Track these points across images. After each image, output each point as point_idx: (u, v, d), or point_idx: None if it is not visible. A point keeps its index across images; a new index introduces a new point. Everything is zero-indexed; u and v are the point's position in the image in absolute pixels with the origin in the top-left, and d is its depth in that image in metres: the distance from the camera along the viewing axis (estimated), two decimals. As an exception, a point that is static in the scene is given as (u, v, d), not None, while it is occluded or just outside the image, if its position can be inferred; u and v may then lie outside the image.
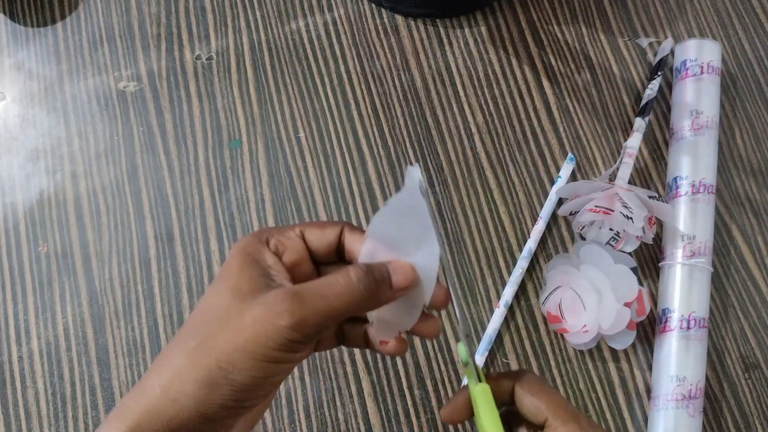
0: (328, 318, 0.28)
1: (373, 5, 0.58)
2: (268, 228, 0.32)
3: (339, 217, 0.52)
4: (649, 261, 0.51)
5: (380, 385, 0.48)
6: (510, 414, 0.32)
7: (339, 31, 0.57)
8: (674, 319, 0.47)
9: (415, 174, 0.31)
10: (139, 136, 0.54)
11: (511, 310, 0.50)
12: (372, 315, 0.32)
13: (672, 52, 0.55)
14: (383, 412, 0.48)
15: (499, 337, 0.49)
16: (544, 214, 0.51)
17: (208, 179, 0.53)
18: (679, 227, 0.49)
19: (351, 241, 0.32)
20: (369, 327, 0.33)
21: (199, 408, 0.27)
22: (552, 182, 0.53)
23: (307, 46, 0.57)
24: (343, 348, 0.49)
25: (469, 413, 0.32)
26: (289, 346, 0.27)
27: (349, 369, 0.49)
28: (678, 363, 0.46)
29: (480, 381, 0.31)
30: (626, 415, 0.48)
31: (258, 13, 0.58)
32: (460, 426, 0.48)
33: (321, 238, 0.32)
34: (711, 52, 0.52)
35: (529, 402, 0.31)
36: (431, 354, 0.49)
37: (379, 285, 0.29)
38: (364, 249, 0.31)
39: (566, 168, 0.52)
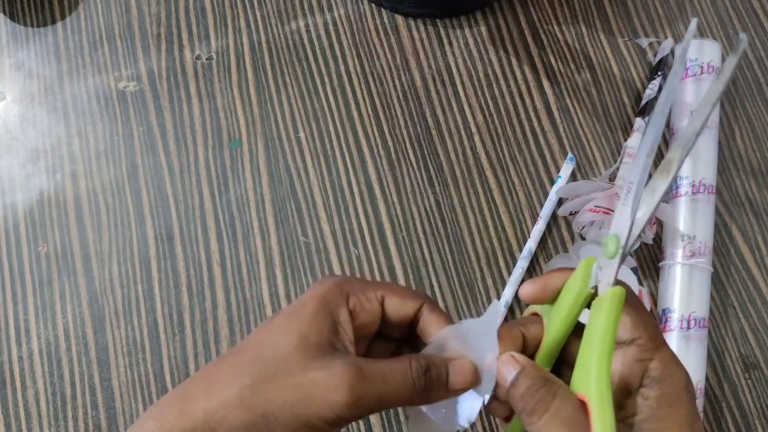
0: (383, 404, 0.28)
1: (373, 5, 0.58)
2: (351, 280, 0.32)
3: (338, 217, 0.52)
4: (649, 261, 0.51)
5: (380, 385, 0.48)
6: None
7: (339, 31, 0.57)
8: (674, 319, 0.47)
9: (498, 309, 0.31)
10: (139, 136, 0.54)
11: (511, 310, 0.50)
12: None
13: (672, 52, 0.55)
14: (383, 412, 0.48)
15: (499, 337, 0.49)
16: (544, 214, 0.51)
17: (208, 179, 0.53)
18: (679, 227, 0.49)
19: (428, 321, 0.32)
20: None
21: None
22: (552, 182, 0.53)
23: (307, 46, 0.57)
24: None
25: (550, 300, 0.30)
26: (337, 422, 0.27)
27: (349, 369, 0.49)
28: (678, 363, 0.46)
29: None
30: (626, 415, 0.48)
31: (258, 13, 0.58)
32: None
33: (400, 309, 0.31)
34: (711, 52, 0.52)
35: (622, 317, 0.28)
36: (431, 354, 0.49)
37: (435, 383, 0.29)
38: (438, 335, 0.31)
39: (566, 168, 0.52)
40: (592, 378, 0.26)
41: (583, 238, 0.50)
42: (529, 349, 0.30)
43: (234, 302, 0.50)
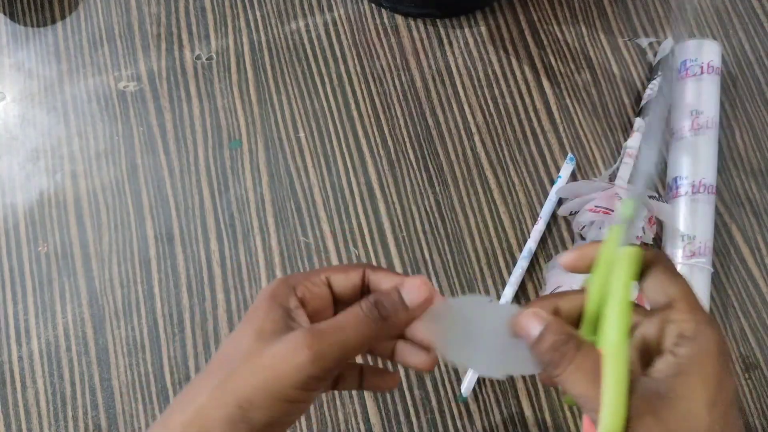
0: (346, 350, 0.29)
1: (373, 5, 0.58)
2: (295, 274, 0.33)
3: (338, 216, 0.52)
4: (649, 261, 0.51)
5: (380, 385, 0.48)
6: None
7: (339, 31, 0.57)
8: (674, 319, 0.47)
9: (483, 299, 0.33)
10: (139, 136, 0.54)
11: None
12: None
13: (672, 52, 0.55)
14: (383, 412, 0.48)
15: (499, 337, 0.49)
16: (544, 214, 0.51)
17: (208, 179, 0.53)
18: (679, 227, 0.49)
19: (376, 280, 0.33)
20: (397, 343, 0.34)
21: None
22: (552, 182, 0.53)
23: (307, 46, 0.57)
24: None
25: (588, 268, 0.31)
26: (307, 383, 0.28)
27: (349, 369, 0.49)
28: (678, 363, 0.46)
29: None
30: (626, 415, 0.48)
31: (258, 13, 0.58)
32: (461, 427, 0.48)
33: (346, 282, 0.33)
34: (711, 52, 0.52)
35: (659, 281, 0.29)
36: (431, 354, 0.49)
37: (391, 312, 0.30)
38: (431, 310, 0.32)
39: (566, 168, 0.52)
40: (606, 332, 0.28)
41: (583, 238, 0.50)
42: (567, 320, 0.31)
43: (234, 302, 0.50)
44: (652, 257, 0.30)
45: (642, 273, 0.30)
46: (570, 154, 0.53)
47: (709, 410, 0.26)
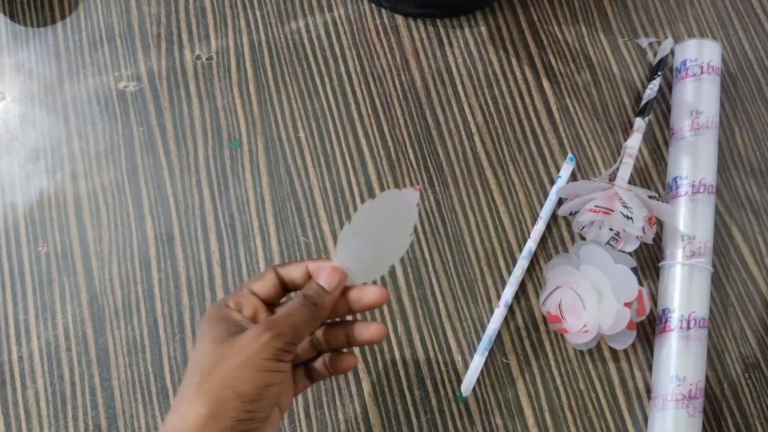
0: (297, 328, 0.36)
1: (373, 5, 0.58)
2: (222, 298, 0.38)
3: (339, 216, 0.52)
4: (649, 261, 0.51)
5: (380, 386, 0.48)
6: None
7: (339, 31, 0.57)
8: (674, 319, 0.47)
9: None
10: (139, 136, 0.54)
11: (511, 310, 0.50)
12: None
13: (672, 52, 0.55)
14: (383, 412, 0.48)
15: (499, 337, 0.49)
16: (544, 214, 0.51)
17: (208, 179, 0.53)
18: (679, 227, 0.49)
19: (287, 273, 0.39)
20: (349, 329, 0.40)
21: (218, 425, 0.32)
22: (552, 182, 0.53)
23: (307, 46, 0.57)
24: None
25: None
26: (276, 353, 0.34)
27: (349, 369, 0.49)
28: (678, 363, 0.46)
29: None
30: (626, 415, 0.48)
31: (258, 13, 0.58)
32: (461, 427, 0.48)
33: (264, 285, 0.39)
34: (711, 52, 0.52)
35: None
36: (431, 354, 0.49)
37: (317, 299, 0.37)
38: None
39: (566, 168, 0.52)
40: None
41: (583, 238, 0.50)
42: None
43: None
44: None
45: None
46: (570, 154, 0.53)
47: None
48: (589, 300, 0.46)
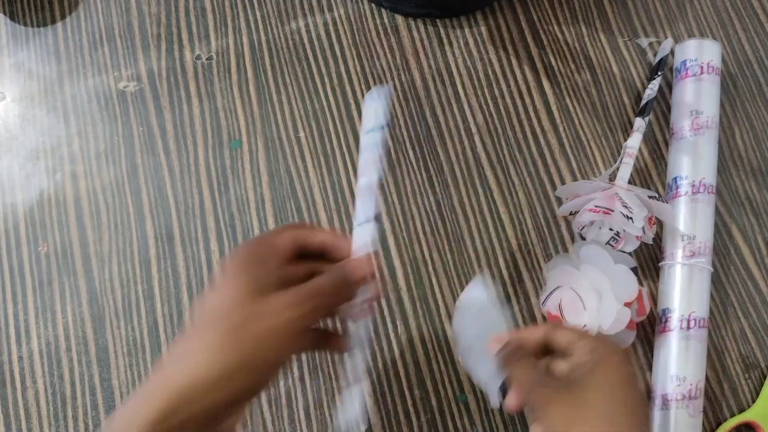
0: (328, 308, 0.37)
1: (373, 5, 0.58)
2: (255, 239, 0.38)
3: (339, 217, 0.52)
4: (649, 261, 0.51)
5: (380, 385, 0.48)
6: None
7: (339, 31, 0.57)
8: (674, 319, 0.47)
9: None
10: (139, 136, 0.54)
11: (511, 309, 0.50)
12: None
13: (672, 52, 0.55)
14: (383, 412, 0.48)
15: (499, 337, 0.49)
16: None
17: (208, 179, 0.53)
18: (679, 227, 0.49)
19: (304, 239, 0.38)
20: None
21: (231, 385, 0.31)
22: (552, 182, 0.53)
23: (307, 46, 0.57)
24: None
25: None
26: (307, 327, 0.34)
27: (349, 369, 0.49)
28: (678, 363, 0.46)
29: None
30: (626, 415, 0.48)
31: (258, 13, 0.58)
32: (461, 427, 0.48)
33: (283, 245, 0.37)
34: (711, 52, 0.52)
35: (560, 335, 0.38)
36: (431, 354, 0.49)
37: (345, 278, 0.37)
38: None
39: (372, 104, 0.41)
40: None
41: (583, 238, 0.50)
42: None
43: (234, 302, 0.50)
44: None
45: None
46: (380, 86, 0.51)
47: (605, 397, 0.34)
48: (589, 300, 0.46)
